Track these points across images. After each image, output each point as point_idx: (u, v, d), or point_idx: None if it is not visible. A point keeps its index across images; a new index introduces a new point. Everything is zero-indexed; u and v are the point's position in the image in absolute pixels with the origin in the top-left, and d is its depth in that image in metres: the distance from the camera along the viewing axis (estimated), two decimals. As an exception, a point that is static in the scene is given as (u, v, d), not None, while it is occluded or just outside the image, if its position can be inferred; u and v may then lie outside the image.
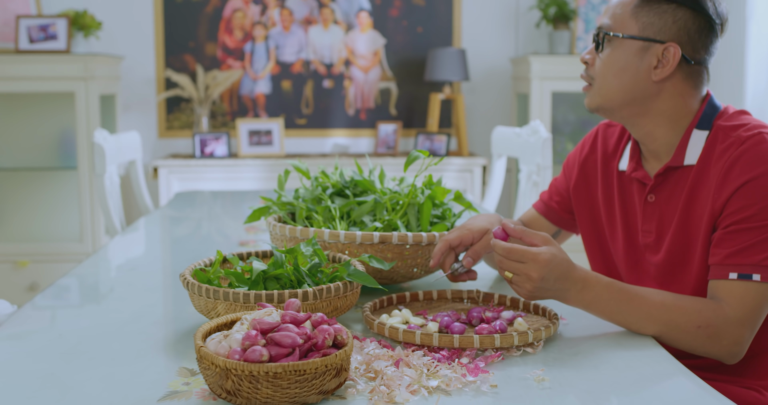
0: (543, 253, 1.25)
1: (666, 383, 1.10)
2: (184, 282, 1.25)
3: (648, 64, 1.40)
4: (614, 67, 1.42)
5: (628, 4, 1.41)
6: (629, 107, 1.43)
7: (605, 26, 1.43)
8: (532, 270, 1.25)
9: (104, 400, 1.02)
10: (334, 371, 0.98)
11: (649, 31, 1.39)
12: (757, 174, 1.31)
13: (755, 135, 1.35)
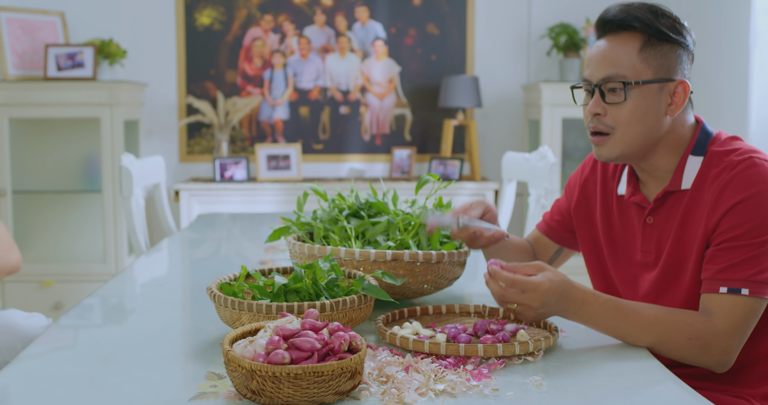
0: (543, 283, 1.34)
1: (657, 390, 1.19)
2: (211, 295, 1.35)
3: (665, 103, 1.48)
4: (638, 114, 1.47)
5: (630, 51, 1.47)
6: (645, 147, 1.51)
7: (618, 76, 1.47)
8: (533, 300, 1.34)
9: (140, 400, 1.12)
10: (349, 374, 1.08)
11: (661, 72, 1.47)
12: (748, 195, 1.40)
13: (746, 159, 1.44)
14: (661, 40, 1.47)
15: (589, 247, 1.70)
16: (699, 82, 3.89)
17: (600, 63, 1.50)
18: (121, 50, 4.18)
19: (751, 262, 1.39)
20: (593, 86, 1.50)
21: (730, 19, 3.60)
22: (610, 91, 1.48)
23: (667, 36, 1.46)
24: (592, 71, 1.51)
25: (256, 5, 4.52)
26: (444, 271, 1.61)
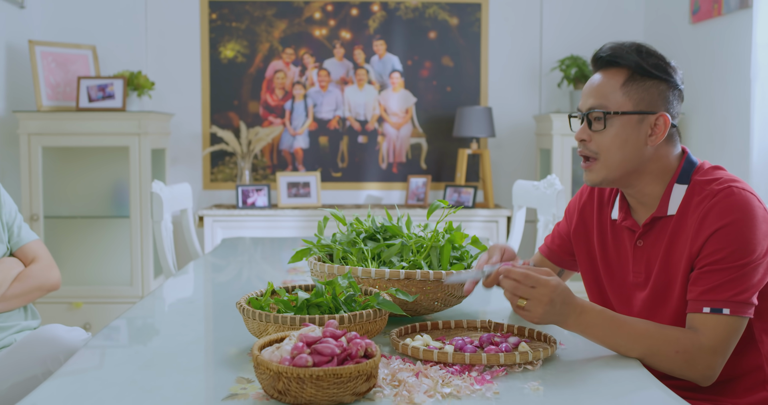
0: (552, 279, 1.48)
1: (644, 395, 1.32)
2: (240, 308, 1.49)
3: (644, 134, 1.63)
4: (618, 141, 1.63)
5: (614, 85, 1.63)
6: (628, 175, 1.65)
7: (600, 106, 1.63)
8: (543, 294, 1.47)
9: (178, 400, 1.26)
10: (365, 376, 1.22)
11: (641, 105, 1.62)
12: (727, 222, 1.53)
13: (725, 188, 1.57)
14: (643, 76, 1.61)
15: (587, 268, 1.83)
16: (704, 112, 4.02)
17: (589, 94, 1.66)
18: (149, 82, 4.37)
19: (731, 284, 1.51)
20: (582, 115, 1.66)
21: (732, 52, 3.74)
22: (595, 119, 1.64)
23: (650, 73, 1.60)
24: (583, 102, 1.67)
25: (278, 39, 4.71)
26: (453, 290, 1.74)
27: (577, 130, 1.69)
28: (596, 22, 4.70)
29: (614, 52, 1.64)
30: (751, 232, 1.53)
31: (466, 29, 4.73)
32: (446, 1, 4.71)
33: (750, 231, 1.53)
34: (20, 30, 4.34)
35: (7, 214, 2.22)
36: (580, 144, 1.68)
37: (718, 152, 3.89)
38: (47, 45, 4.28)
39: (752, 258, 1.52)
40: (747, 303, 1.52)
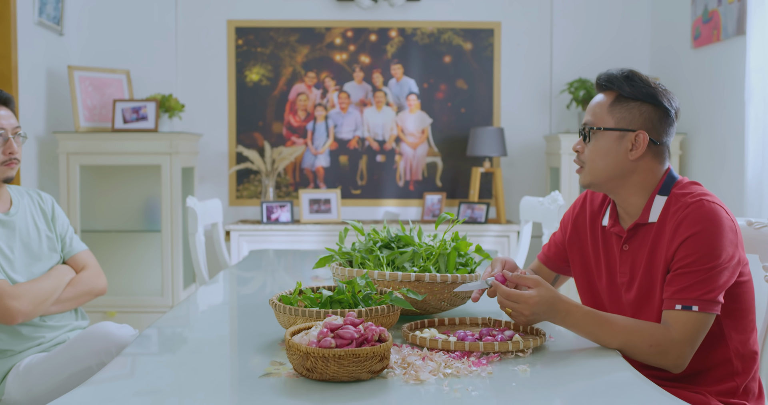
0: (532, 297, 1.71)
1: (616, 375, 1.54)
2: (273, 304, 1.73)
3: (625, 148, 1.87)
4: (600, 153, 1.88)
5: (604, 104, 1.89)
6: (612, 181, 1.90)
7: (589, 123, 1.90)
8: (524, 309, 1.71)
9: (223, 377, 1.50)
10: (379, 357, 1.45)
11: (622, 123, 1.87)
12: (696, 231, 1.76)
13: (697, 201, 1.80)
14: (628, 99, 1.85)
15: (580, 272, 2.05)
16: (705, 132, 4.24)
17: (587, 112, 1.93)
18: (180, 104, 4.64)
19: (700, 285, 1.73)
20: (580, 129, 1.91)
21: (730, 76, 3.96)
22: (587, 134, 1.88)
23: (634, 96, 1.84)
24: (585, 118, 1.92)
25: (301, 63, 4.98)
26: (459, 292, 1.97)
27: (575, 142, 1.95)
28: (604, 46, 4.94)
29: (607, 77, 1.89)
30: (717, 239, 1.75)
31: (479, 54, 4.98)
32: (460, 27, 4.97)
33: (716, 239, 1.75)
34: (60, 56, 4.63)
35: (60, 226, 2.48)
36: (576, 154, 1.93)
37: (717, 170, 4.10)
38: (85, 70, 4.57)
39: (718, 262, 1.74)
40: (714, 301, 1.74)
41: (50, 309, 2.32)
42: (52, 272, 2.36)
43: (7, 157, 2.31)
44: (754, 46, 3.52)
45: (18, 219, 2.35)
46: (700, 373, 1.84)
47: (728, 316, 1.85)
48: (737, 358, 1.86)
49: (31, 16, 4.24)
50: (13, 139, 2.32)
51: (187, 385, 1.47)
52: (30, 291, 2.23)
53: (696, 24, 4.32)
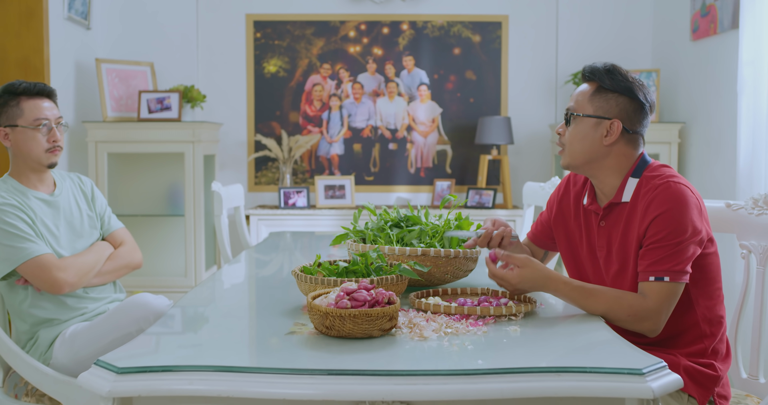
0: (514, 277, 1.94)
1: (594, 334, 1.76)
2: (295, 274, 1.96)
3: (600, 134, 2.08)
4: (578, 137, 2.09)
5: (585, 93, 2.09)
6: (588, 164, 2.11)
7: (571, 109, 2.11)
8: (507, 286, 1.96)
9: (253, 335, 1.73)
10: (389, 317, 1.68)
11: (600, 111, 2.07)
12: (664, 210, 1.97)
13: (664, 183, 2.01)
14: (607, 90, 2.06)
15: (565, 247, 2.27)
16: (702, 121, 4.44)
17: (571, 99, 2.14)
18: (201, 95, 4.87)
19: (669, 258, 1.95)
20: (564, 114, 2.12)
21: (725, 68, 4.15)
22: (568, 118, 2.10)
23: (613, 88, 2.05)
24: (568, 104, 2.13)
25: (316, 55, 5.20)
26: (461, 265, 2.20)
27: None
28: (608, 38, 5.13)
29: (591, 70, 2.10)
30: (683, 217, 1.96)
31: (487, 46, 5.19)
32: (469, 20, 5.17)
33: (683, 216, 1.96)
34: (87, 49, 4.87)
35: (99, 206, 2.72)
36: (558, 135, 2.14)
37: (713, 157, 4.30)
38: (111, 62, 4.81)
39: (685, 237, 1.95)
40: (683, 272, 1.95)
41: (92, 281, 2.56)
42: (93, 247, 2.60)
43: (51, 145, 2.55)
44: (746, 39, 3.70)
45: (62, 200, 2.60)
46: (672, 337, 2.06)
47: (696, 285, 2.06)
48: (705, 322, 2.07)
49: (61, 12, 4.48)
50: (56, 129, 2.56)
51: (223, 340, 1.70)
52: (75, 264, 2.48)
53: (695, 17, 4.51)
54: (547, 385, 1.45)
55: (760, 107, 3.60)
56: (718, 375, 2.05)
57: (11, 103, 2.52)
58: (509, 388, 1.44)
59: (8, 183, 2.54)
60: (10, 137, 2.52)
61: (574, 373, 1.47)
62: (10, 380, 2.46)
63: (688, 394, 2.02)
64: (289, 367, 1.46)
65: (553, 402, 1.49)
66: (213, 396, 1.45)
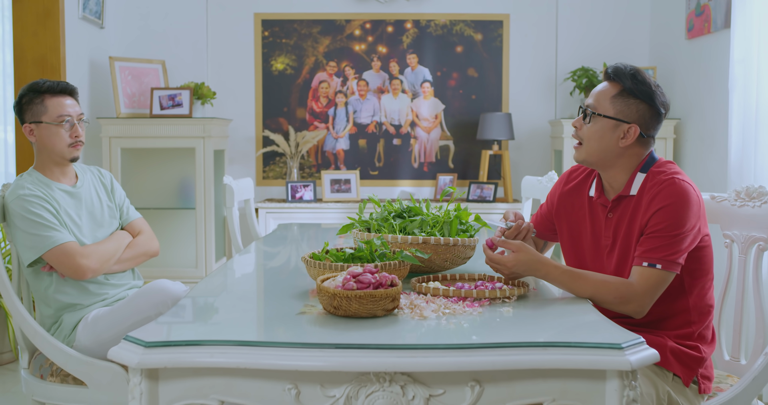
0: (509, 261, 2.09)
1: (581, 316, 1.90)
2: (305, 260, 2.11)
3: (617, 136, 2.20)
4: (597, 135, 2.21)
5: (607, 94, 2.19)
6: (602, 161, 2.24)
7: (593, 106, 2.20)
8: (503, 270, 2.10)
9: (267, 314, 1.88)
10: (391, 298, 1.83)
11: (620, 115, 2.19)
12: (667, 204, 2.10)
13: (669, 179, 2.14)
14: (630, 95, 2.18)
15: (567, 237, 2.41)
16: (697, 117, 4.57)
17: (591, 95, 2.24)
18: (211, 92, 5.03)
19: (665, 248, 2.09)
20: (582, 108, 2.23)
21: (718, 65, 4.29)
22: (588, 114, 2.21)
23: (635, 93, 2.17)
24: (587, 99, 2.25)
25: (323, 53, 5.35)
26: (459, 252, 2.35)
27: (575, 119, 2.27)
28: (608, 37, 5.27)
29: (616, 71, 2.20)
30: (684, 212, 2.10)
31: (489, 44, 5.33)
32: (471, 19, 5.31)
33: (683, 211, 2.10)
34: (101, 48, 5.03)
35: (118, 197, 2.88)
36: (574, 129, 2.26)
37: (707, 152, 4.44)
38: (124, 60, 4.96)
39: (683, 230, 2.09)
40: (675, 262, 2.09)
41: (113, 267, 2.71)
42: (113, 236, 2.76)
43: (73, 140, 2.70)
44: (738, 38, 3.84)
45: (83, 191, 2.75)
46: (662, 320, 2.20)
47: (690, 274, 2.20)
48: (694, 309, 2.21)
49: (76, 12, 4.63)
50: (78, 125, 2.72)
51: (239, 319, 1.86)
52: (97, 251, 2.64)
53: (690, 16, 4.64)
54: (534, 358, 1.60)
55: (749, 104, 3.74)
56: (702, 357, 2.20)
57: (36, 101, 2.68)
58: (500, 360, 1.59)
59: (33, 176, 2.69)
60: (35, 133, 2.68)
61: (560, 347, 1.61)
62: (35, 362, 2.62)
63: (673, 373, 2.17)
64: (300, 342, 1.61)
65: (540, 374, 1.63)
66: (231, 367, 1.60)
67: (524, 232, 2.28)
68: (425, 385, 1.62)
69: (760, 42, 3.67)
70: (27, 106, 2.68)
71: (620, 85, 2.18)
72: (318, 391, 1.62)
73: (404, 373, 1.61)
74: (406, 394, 1.61)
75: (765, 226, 2.37)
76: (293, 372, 1.61)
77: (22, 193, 2.58)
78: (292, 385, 1.62)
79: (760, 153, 3.66)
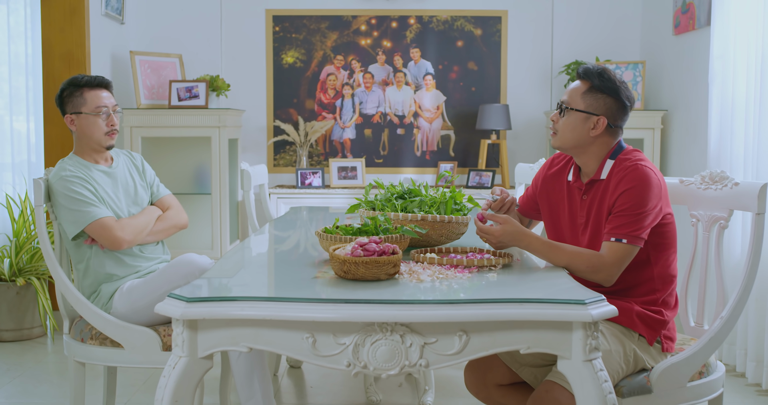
0: (497, 231, 2.40)
1: (556, 279, 2.21)
2: (318, 234, 2.43)
3: (588, 127, 2.51)
4: (570, 126, 2.52)
5: (579, 91, 2.49)
6: (575, 148, 2.55)
7: (566, 102, 2.51)
8: (491, 239, 2.41)
9: (289, 278, 2.20)
10: (392, 264, 2.14)
11: (590, 108, 2.50)
12: (630, 186, 2.40)
13: (633, 165, 2.45)
14: (598, 90, 2.48)
15: (548, 215, 2.71)
16: (683, 109, 4.87)
17: (566, 93, 2.54)
18: (226, 84, 5.33)
19: (630, 225, 2.39)
20: (558, 104, 2.54)
21: (702, 60, 4.58)
22: (562, 109, 2.52)
23: (602, 89, 2.47)
24: (563, 96, 2.55)
25: (330, 47, 5.65)
26: (454, 229, 2.66)
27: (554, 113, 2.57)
28: (600, 33, 5.56)
29: (586, 71, 2.51)
30: (645, 193, 2.40)
31: (488, 39, 5.63)
32: (472, 15, 5.61)
33: (645, 193, 2.40)
34: (122, 42, 5.34)
35: (149, 176, 3.20)
36: (552, 122, 2.57)
37: (691, 142, 4.74)
38: (144, 54, 5.27)
39: (645, 209, 2.39)
40: (639, 237, 2.39)
41: (146, 239, 3.03)
42: (144, 211, 3.07)
43: (109, 129, 3.02)
44: (717, 35, 4.13)
45: (118, 171, 3.08)
46: (629, 288, 2.51)
47: (654, 247, 2.50)
48: (658, 279, 2.52)
49: (99, 9, 4.94)
50: (113, 115, 3.03)
51: (264, 282, 2.18)
52: (131, 224, 2.95)
53: (676, 14, 4.93)
54: (512, 311, 1.91)
55: (726, 97, 4.04)
56: (665, 320, 2.50)
57: (75, 94, 2.99)
58: (483, 313, 1.90)
59: (74, 159, 3.01)
60: (75, 123, 3.00)
61: (534, 303, 1.93)
62: (75, 327, 2.94)
63: (639, 334, 2.48)
64: (316, 297, 1.93)
65: (517, 325, 1.95)
66: (258, 319, 1.92)
67: (508, 204, 2.60)
68: (421, 335, 1.93)
69: (737, 39, 3.96)
70: (68, 99, 3.00)
71: (589, 82, 2.48)
72: (331, 340, 1.94)
73: (403, 324, 1.92)
74: (405, 342, 1.93)
75: (725, 206, 2.66)
76: (310, 323, 1.92)
77: (64, 174, 2.89)
78: (309, 334, 1.93)
79: (735, 143, 3.96)
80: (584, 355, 1.94)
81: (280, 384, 3.85)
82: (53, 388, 3.77)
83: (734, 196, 2.61)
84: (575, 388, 1.97)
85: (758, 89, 3.80)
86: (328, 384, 3.85)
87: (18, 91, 5.04)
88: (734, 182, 2.62)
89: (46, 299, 4.42)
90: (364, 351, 1.93)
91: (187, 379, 1.96)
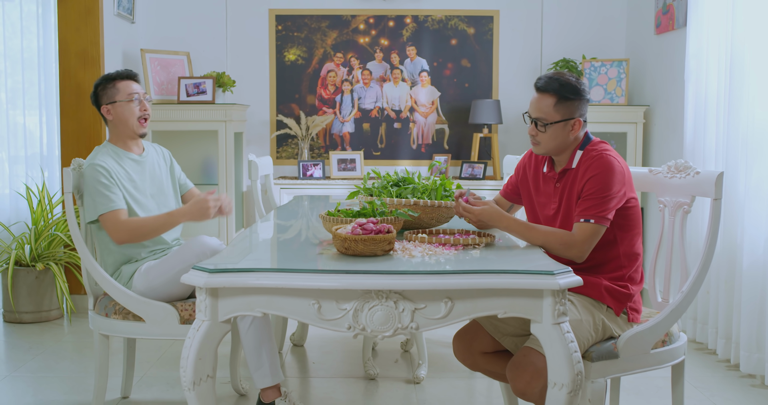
0: (476, 210, 2.69)
1: (533, 256, 2.51)
2: (322, 216, 2.72)
3: (567, 131, 2.79)
4: (552, 137, 2.77)
5: (549, 104, 2.74)
6: (558, 150, 2.83)
7: (542, 119, 2.75)
8: (472, 217, 2.71)
9: (298, 254, 2.50)
10: (387, 241, 2.43)
11: (566, 115, 2.77)
12: (596, 173, 2.69)
13: (598, 154, 2.74)
14: (565, 99, 2.77)
15: (527, 201, 3.01)
16: (663, 104, 5.16)
17: (534, 108, 2.79)
18: (231, 80, 5.62)
19: (596, 207, 2.68)
20: (532, 120, 2.82)
21: (679, 59, 4.87)
22: (540, 125, 2.80)
23: (570, 98, 2.76)
24: (531, 111, 2.80)
25: (331, 45, 5.93)
26: (443, 213, 2.95)
27: (529, 128, 2.83)
28: (587, 32, 5.85)
29: (545, 84, 2.77)
30: (609, 179, 2.69)
31: (481, 37, 5.91)
32: (465, 15, 5.89)
33: (609, 179, 2.69)
34: (133, 41, 5.62)
35: (177, 171, 3.51)
36: (531, 135, 2.84)
37: (671, 136, 5.03)
38: (153, 52, 5.55)
39: (609, 193, 2.68)
40: (605, 218, 2.68)
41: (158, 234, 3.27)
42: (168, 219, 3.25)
43: (142, 114, 3.31)
44: (692, 35, 4.42)
45: (148, 160, 3.38)
46: (598, 265, 2.80)
47: (620, 228, 2.79)
48: (624, 256, 2.81)
49: (112, 9, 5.22)
50: (144, 101, 3.33)
51: (276, 257, 2.47)
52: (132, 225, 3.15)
53: (658, 14, 5.22)
54: (490, 281, 2.21)
55: (700, 94, 4.33)
56: (630, 293, 2.80)
57: (108, 86, 3.29)
58: (466, 282, 2.19)
59: (108, 147, 3.31)
60: (111, 112, 3.29)
61: (510, 273, 2.22)
62: (99, 304, 3.22)
63: (607, 306, 2.77)
64: (321, 269, 2.22)
65: (495, 293, 2.24)
66: (271, 287, 2.21)
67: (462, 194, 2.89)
68: (412, 301, 2.22)
69: (709, 39, 4.25)
70: (102, 92, 3.30)
71: (554, 95, 2.73)
72: (334, 305, 2.23)
73: (396, 292, 2.21)
74: (398, 307, 2.22)
75: (689, 193, 2.94)
76: (316, 291, 2.21)
77: (95, 162, 3.18)
78: (315, 300, 2.22)
79: (708, 137, 4.25)
80: (553, 318, 2.24)
81: (284, 360, 4.14)
82: (73, 363, 4.06)
83: (696, 183, 2.89)
84: (546, 347, 2.26)
85: (727, 86, 4.09)
86: (329, 360, 4.14)
87: (31, 87, 5.32)
88: (696, 171, 2.91)
89: (64, 283, 4.71)
90: (363, 315, 2.22)
91: (209, 340, 2.25)
